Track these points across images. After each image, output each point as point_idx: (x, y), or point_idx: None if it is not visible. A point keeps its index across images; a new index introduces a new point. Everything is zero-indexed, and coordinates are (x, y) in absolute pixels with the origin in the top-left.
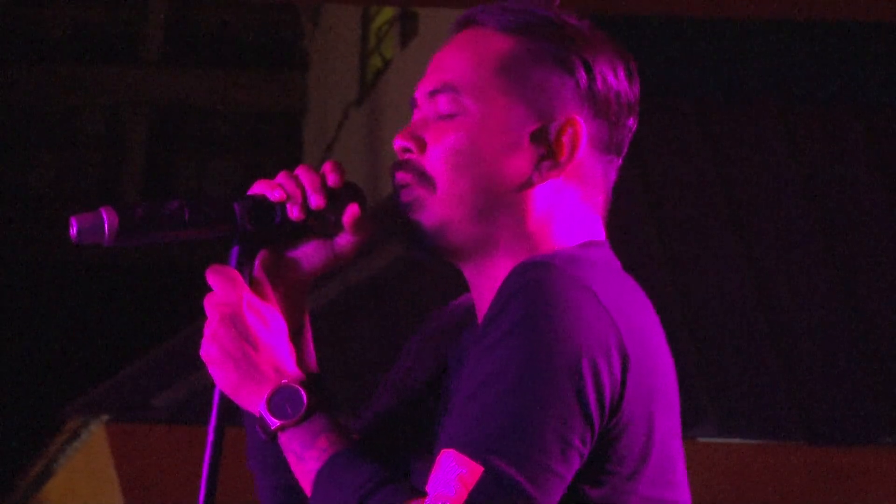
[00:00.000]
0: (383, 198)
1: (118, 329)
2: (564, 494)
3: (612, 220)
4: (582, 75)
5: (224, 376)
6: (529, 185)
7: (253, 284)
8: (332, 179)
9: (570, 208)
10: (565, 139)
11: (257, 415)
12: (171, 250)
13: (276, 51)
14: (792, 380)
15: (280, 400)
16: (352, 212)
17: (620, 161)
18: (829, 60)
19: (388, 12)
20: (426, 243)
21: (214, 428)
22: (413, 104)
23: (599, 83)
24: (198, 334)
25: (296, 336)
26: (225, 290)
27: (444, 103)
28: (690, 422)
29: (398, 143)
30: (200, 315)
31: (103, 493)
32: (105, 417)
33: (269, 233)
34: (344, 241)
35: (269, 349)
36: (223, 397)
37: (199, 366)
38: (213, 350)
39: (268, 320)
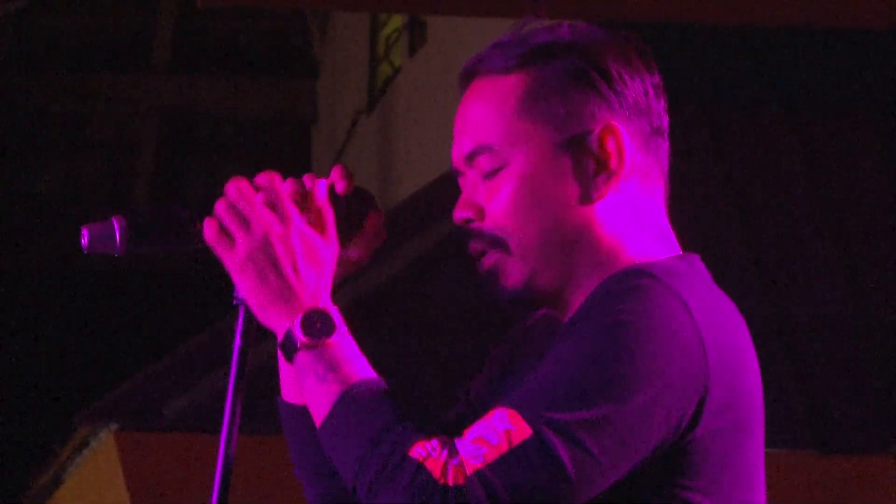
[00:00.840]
0: (394, 205)
1: (128, 337)
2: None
3: None
4: (600, 82)
5: (257, 293)
6: (591, 204)
7: (311, 211)
8: (340, 187)
9: (636, 213)
10: (609, 147)
11: (284, 331)
12: (183, 258)
13: (286, 58)
14: (803, 388)
15: (313, 320)
16: (375, 220)
17: (667, 141)
18: (839, 65)
19: (396, 20)
20: (520, 302)
21: (226, 436)
22: (456, 173)
23: (619, 82)
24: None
25: None
26: (275, 202)
27: (483, 163)
28: None
29: (458, 215)
30: (210, 323)
31: (112, 501)
32: (114, 426)
33: None
34: (357, 247)
35: (308, 276)
36: (234, 405)
37: (210, 373)
38: (254, 267)
39: (313, 249)
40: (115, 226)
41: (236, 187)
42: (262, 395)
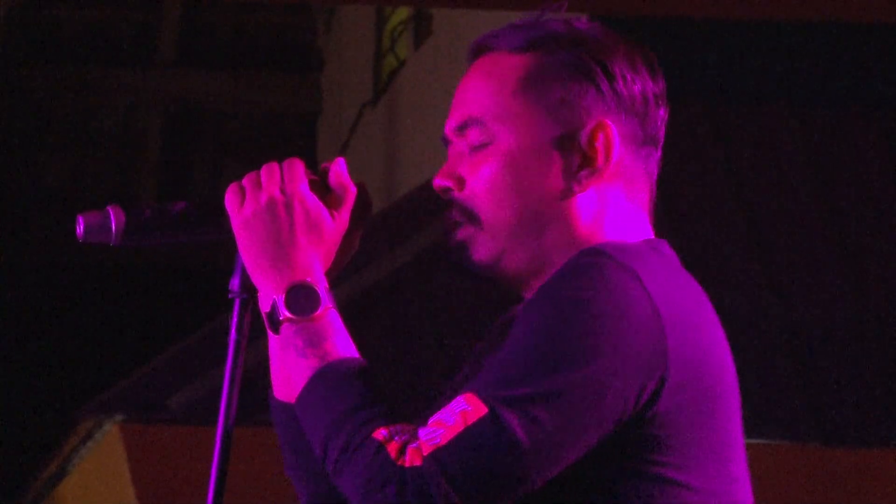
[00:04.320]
0: (399, 197)
1: (132, 329)
2: (613, 480)
3: None
4: (601, 79)
5: (252, 253)
6: (571, 196)
7: (332, 190)
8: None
9: (615, 210)
10: (598, 144)
11: (270, 301)
12: (187, 251)
13: (291, 52)
14: (806, 380)
15: (298, 294)
16: (336, 170)
17: (659, 152)
18: (844, 63)
19: (402, 13)
20: (486, 276)
21: (222, 429)
22: (444, 142)
23: (620, 83)
24: (230, 211)
25: None
26: (290, 175)
27: (473, 136)
28: None
29: (437, 183)
30: (214, 316)
31: (117, 494)
32: (119, 418)
33: None
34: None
35: (305, 248)
36: (230, 399)
37: (214, 366)
38: (255, 226)
39: (315, 224)
40: (112, 215)
41: (265, 165)
42: (263, 387)
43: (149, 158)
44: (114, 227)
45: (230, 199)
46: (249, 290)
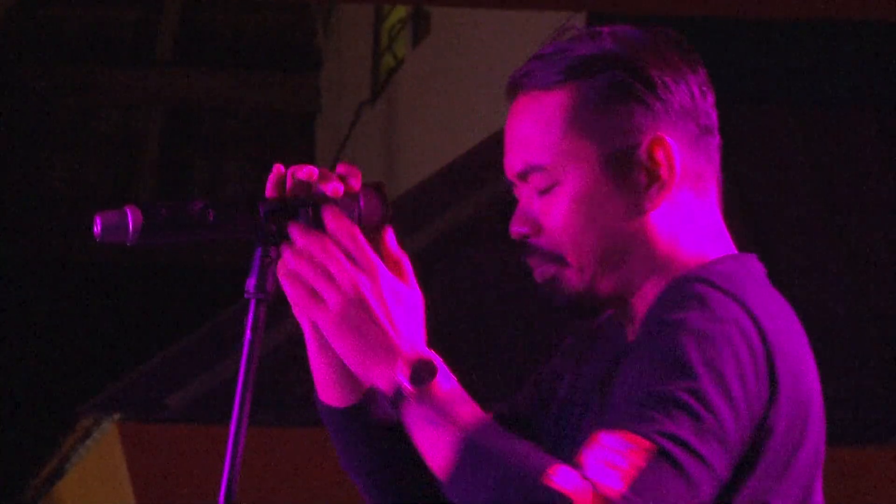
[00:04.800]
0: (397, 196)
1: (131, 328)
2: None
3: None
4: (644, 92)
5: (353, 349)
6: (646, 214)
7: (388, 261)
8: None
9: (691, 217)
10: (658, 157)
11: (388, 384)
12: (185, 250)
13: (289, 51)
14: None
15: (416, 369)
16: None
17: (717, 136)
18: (845, 61)
19: (400, 11)
20: (578, 311)
21: (235, 429)
22: (509, 185)
23: (663, 89)
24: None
25: None
26: (362, 259)
27: (536, 181)
28: None
29: (515, 230)
30: (215, 314)
31: (115, 493)
32: (118, 416)
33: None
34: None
35: (404, 325)
36: (243, 399)
37: (213, 365)
38: (350, 320)
39: (403, 299)
40: (129, 215)
41: (311, 240)
42: (268, 387)
43: (148, 157)
44: (131, 227)
45: (300, 301)
46: (264, 291)
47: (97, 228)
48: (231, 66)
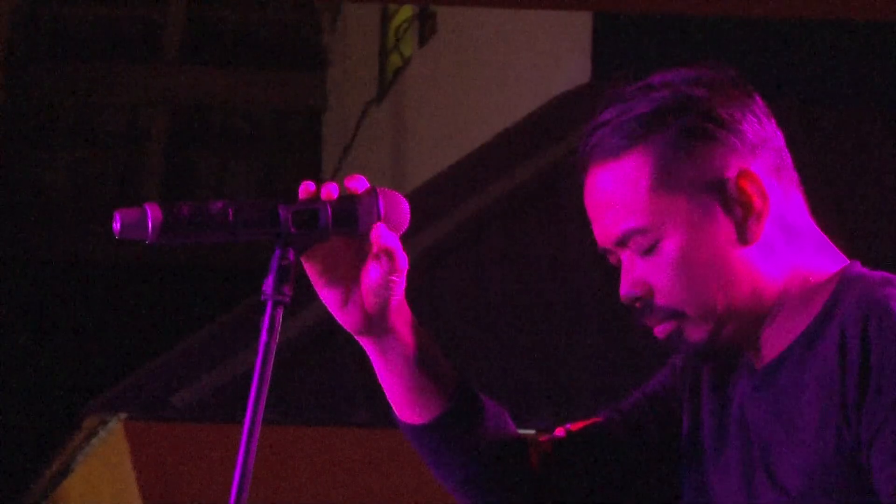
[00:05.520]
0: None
1: (137, 327)
2: None
3: None
4: (717, 130)
5: None
6: (750, 247)
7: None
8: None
9: (792, 234)
10: (749, 190)
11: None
12: (190, 250)
13: (296, 49)
14: None
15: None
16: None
17: (787, 149)
18: (850, 60)
19: (406, 11)
20: (709, 358)
21: (248, 429)
22: (606, 252)
23: (732, 123)
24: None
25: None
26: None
27: (637, 243)
28: None
29: (627, 295)
30: (218, 315)
31: (121, 492)
32: (123, 416)
33: (311, 237)
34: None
35: None
36: (258, 399)
37: (218, 364)
38: None
39: None
40: (149, 213)
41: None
42: (273, 385)
43: (154, 155)
44: (150, 225)
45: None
46: (281, 292)
47: (117, 225)
48: (238, 65)
